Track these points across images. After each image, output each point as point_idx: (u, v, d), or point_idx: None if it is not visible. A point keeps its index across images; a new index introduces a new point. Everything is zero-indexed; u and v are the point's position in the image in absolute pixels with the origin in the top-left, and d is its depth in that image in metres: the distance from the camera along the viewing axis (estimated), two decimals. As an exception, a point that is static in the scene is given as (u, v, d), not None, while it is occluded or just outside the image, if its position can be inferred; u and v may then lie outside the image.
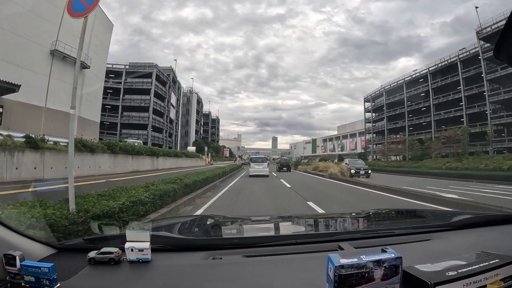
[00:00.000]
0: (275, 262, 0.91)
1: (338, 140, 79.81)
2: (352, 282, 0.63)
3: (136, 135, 39.93)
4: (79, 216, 2.39)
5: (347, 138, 74.40)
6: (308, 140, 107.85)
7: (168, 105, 48.37)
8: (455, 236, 1.16)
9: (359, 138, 66.06)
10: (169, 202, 5.18)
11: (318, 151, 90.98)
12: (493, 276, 0.71)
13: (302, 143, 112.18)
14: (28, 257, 0.82)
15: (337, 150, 74.67)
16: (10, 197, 5.02)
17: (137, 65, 43.59)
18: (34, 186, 4.98)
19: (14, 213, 1.65)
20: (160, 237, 1.05)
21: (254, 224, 1.74)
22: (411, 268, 0.71)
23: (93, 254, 0.88)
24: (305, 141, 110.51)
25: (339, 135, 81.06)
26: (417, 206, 5.83)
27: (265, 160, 18.48)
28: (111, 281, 0.81)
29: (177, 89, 54.92)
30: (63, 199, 2.75)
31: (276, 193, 9.10)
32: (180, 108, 58.88)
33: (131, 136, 38.44)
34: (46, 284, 0.74)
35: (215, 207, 6.10)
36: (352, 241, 1.07)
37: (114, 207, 3.00)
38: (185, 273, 0.84)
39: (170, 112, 49.75)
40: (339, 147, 76.68)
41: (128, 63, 43.30)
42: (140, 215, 3.68)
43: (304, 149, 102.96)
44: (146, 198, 4.01)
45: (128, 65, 42.76)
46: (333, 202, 7.33)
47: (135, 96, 42.30)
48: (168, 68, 50.80)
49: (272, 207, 6.34)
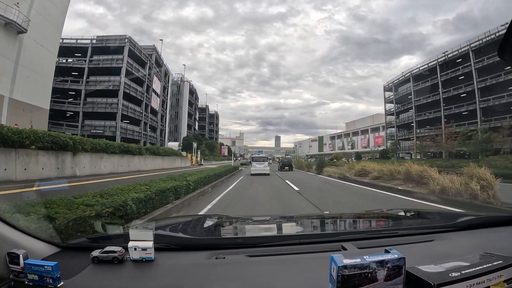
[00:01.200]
0: (278, 262, 0.91)
1: (348, 137, 74.75)
2: (355, 283, 0.62)
3: (102, 127, 32.68)
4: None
5: (358, 135, 69.15)
6: (314, 138, 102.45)
7: (149, 92, 39.44)
8: (458, 237, 1.16)
9: (372, 135, 62.02)
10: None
11: (325, 150, 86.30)
12: (496, 277, 0.70)
13: (307, 141, 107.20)
14: (31, 256, 0.83)
15: (346, 148, 70.77)
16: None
17: (106, 38, 34.12)
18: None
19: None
20: (164, 236, 1.05)
21: (257, 224, 1.74)
22: (414, 269, 0.71)
23: (97, 253, 0.89)
24: (311, 139, 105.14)
25: (348, 131, 75.96)
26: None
27: (266, 160, 19.92)
28: (114, 280, 0.81)
29: (163, 74, 45.26)
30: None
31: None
32: (168, 98, 49.99)
33: (96, 128, 32.06)
34: (50, 283, 0.74)
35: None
36: (355, 241, 1.07)
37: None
38: (188, 273, 0.84)
39: (152, 100, 40.55)
40: (349, 144, 71.77)
41: (95, 37, 34.07)
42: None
43: (310, 148, 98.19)
44: None
45: (95, 39, 33.68)
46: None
47: (103, 78, 32.90)
48: (150, 47, 41.59)
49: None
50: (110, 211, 2.71)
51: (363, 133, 66.88)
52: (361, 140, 66.90)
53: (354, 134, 71.49)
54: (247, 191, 9.08)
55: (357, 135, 69.78)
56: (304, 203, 6.54)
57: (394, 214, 1.88)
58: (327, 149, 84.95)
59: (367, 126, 65.25)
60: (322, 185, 11.14)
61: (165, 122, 48.32)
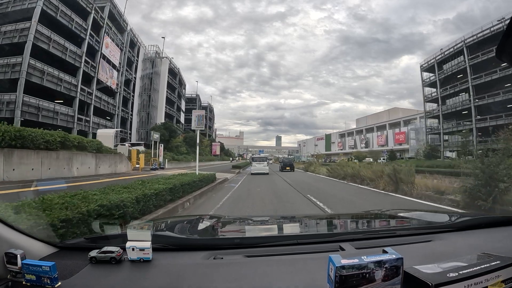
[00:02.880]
0: (276, 263, 0.91)
1: (360, 134, 67.07)
2: (353, 283, 0.62)
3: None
4: None
5: (373, 132, 61.78)
6: (320, 136, 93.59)
7: (96, 58, 27.48)
8: (456, 238, 1.16)
9: (390, 131, 54.67)
10: None
11: (333, 149, 79.34)
12: (494, 277, 0.71)
13: (312, 140, 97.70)
14: (29, 256, 0.83)
15: (360, 147, 63.45)
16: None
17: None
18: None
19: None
20: (161, 236, 1.05)
21: (255, 224, 1.74)
22: (412, 269, 0.71)
23: (94, 253, 0.88)
24: (316, 137, 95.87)
25: (360, 128, 68.64)
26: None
27: (265, 159, 20.56)
28: (112, 280, 0.81)
29: (126, 42, 34.08)
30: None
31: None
32: (137, 77, 37.54)
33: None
34: (47, 283, 0.74)
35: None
36: (353, 241, 1.07)
37: None
38: (186, 273, 0.84)
39: (102, 71, 28.24)
40: (363, 142, 64.02)
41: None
42: None
43: (316, 147, 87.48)
44: None
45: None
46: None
47: (6, 28, 20.89)
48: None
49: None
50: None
51: (379, 129, 59.69)
52: (377, 138, 59.33)
53: (368, 130, 64.59)
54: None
55: (372, 131, 62.72)
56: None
57: (392, 214, 1.89)
58: (335, 148, 78.94)
59: (383, 121, 58.43)
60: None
61: (131, 109, 35.82)
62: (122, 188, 4.00)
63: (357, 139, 67.87)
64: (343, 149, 72.35)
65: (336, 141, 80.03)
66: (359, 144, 65.61)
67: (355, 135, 69.81)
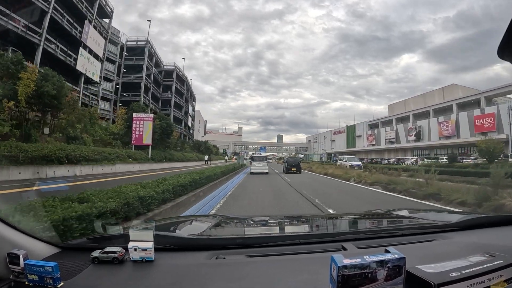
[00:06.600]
0: (278, 262, 0.91)
1: (407, 122, 47.69)
2: (355, 283, 0.62)
3: None
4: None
5: (429, 117, 42.95)
6: (338, 130, 70.62)
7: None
8: (458, 237, 1.16)
9: (465, 113, 36.66)
10: None
11: (358, 144, 59.63)
12: (496, 277, 0.70)
13: (328, 134, 73.08)
14: (31, 256, 0.83)
15: (406, 140, 46.35)
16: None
17: None
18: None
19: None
20: (164, 236, 1.05)
21: (257, 224, 1.74)
22: (415, 269, 0.71)
23: (97, 253, 0.89)
24: (333, 131, 72.80)
25: (404, 114, 48.86)
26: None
27: (264, 159, 20.46)
28: (114, 281, 0.81)
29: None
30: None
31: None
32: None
33: None
34: (50, 283, 0.74)
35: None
36: (356, 241, 1.07)
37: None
38: (188, 273, 0.84)
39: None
40: (412, 134, 45.42)
41: None
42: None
43: (333, 142, 69.41)
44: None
45: None
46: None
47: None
48: None
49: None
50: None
51: (441, 112, 41.30)
52: (439, 125, 40.48)
53: (419, 116, 45.57)
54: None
55: (427, 117, 43.47)
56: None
57: (394, 214, 1.88)
58: (362, 143, 58.82)
59: (449, 100, 39.73)
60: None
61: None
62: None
63: (399, 129, 49.24)
64: (377, 144, 53.58)
65: (363, 134, 58.49)
66: (404, 137, 47.65)
67: (395, 124, 50.39)
